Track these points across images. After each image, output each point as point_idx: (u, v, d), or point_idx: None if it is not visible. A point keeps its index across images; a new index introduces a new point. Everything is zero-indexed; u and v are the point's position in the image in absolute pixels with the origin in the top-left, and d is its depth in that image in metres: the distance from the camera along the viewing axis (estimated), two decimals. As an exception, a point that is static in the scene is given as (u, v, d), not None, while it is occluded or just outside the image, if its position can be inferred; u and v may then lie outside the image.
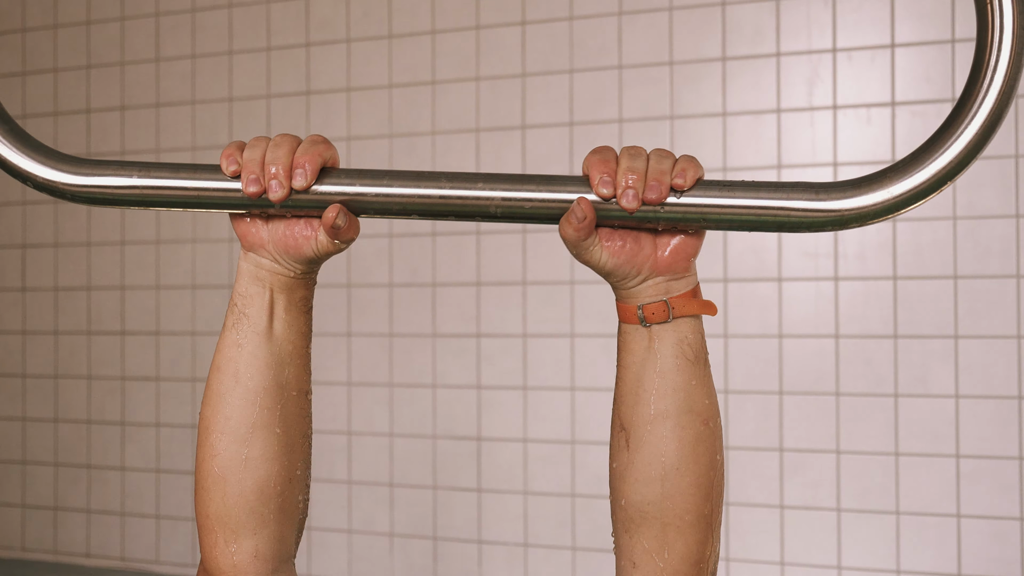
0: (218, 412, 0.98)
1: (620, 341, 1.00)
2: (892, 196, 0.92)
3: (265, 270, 0.99)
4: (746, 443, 2.68)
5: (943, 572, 2.53)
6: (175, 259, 3.27)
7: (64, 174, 0.97)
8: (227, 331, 0.99)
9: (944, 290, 2.54)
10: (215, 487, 0.98)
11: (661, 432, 0.97)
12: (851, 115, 2.62)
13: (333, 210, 0.96)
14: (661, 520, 0.98)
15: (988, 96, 0.90)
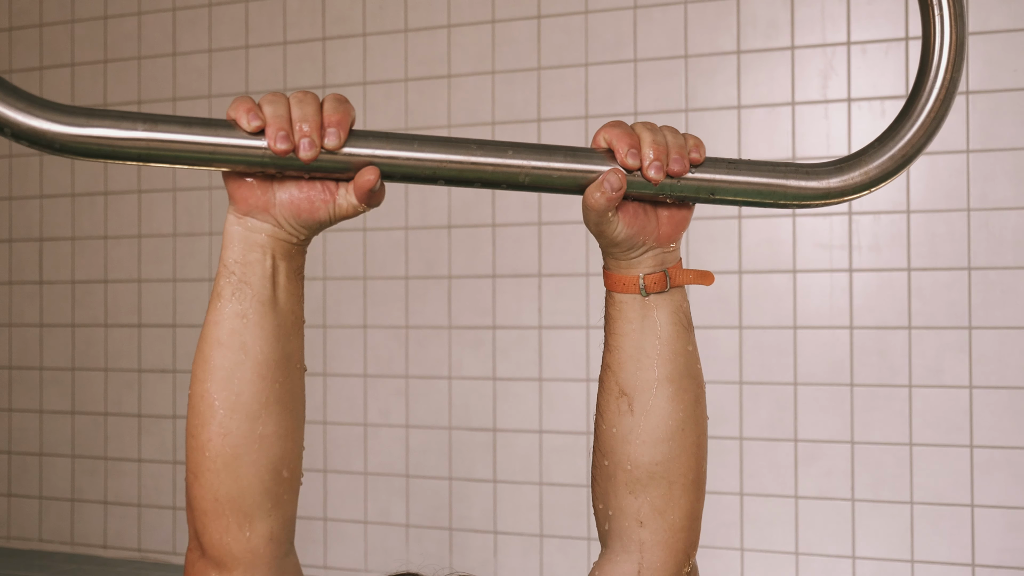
0: (226, 388, 0.91)
1: (614, 311, 1.03)
2: (866, 177, 1.03)
3: (266, 235, 0.92)
4: (761, 434, 2.70)
5: (957, 562, 2.54)
6: (192, 252, 3.29)
7: (52, 123, 0.85)
8: (226, 301, 0.91)
9: (958, 281, 2.56)
10: (226, 469, 0.91)
11: (666, 395, 1.02)
12: (865, 108, 2.64)
13: (372, 172, 0.91)
14: (668, 479, 1.03)
15: (935, 90, 1.04)
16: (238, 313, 0.91)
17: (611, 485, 1.04)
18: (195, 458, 0.91)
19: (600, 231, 1.00)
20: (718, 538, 2.73)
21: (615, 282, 1.03)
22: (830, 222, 2.65)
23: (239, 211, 0.93)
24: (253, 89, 3.22)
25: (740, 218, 2.72)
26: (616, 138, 0.97)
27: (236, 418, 0.91)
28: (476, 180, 0.95)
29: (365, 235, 3.09)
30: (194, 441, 0.91)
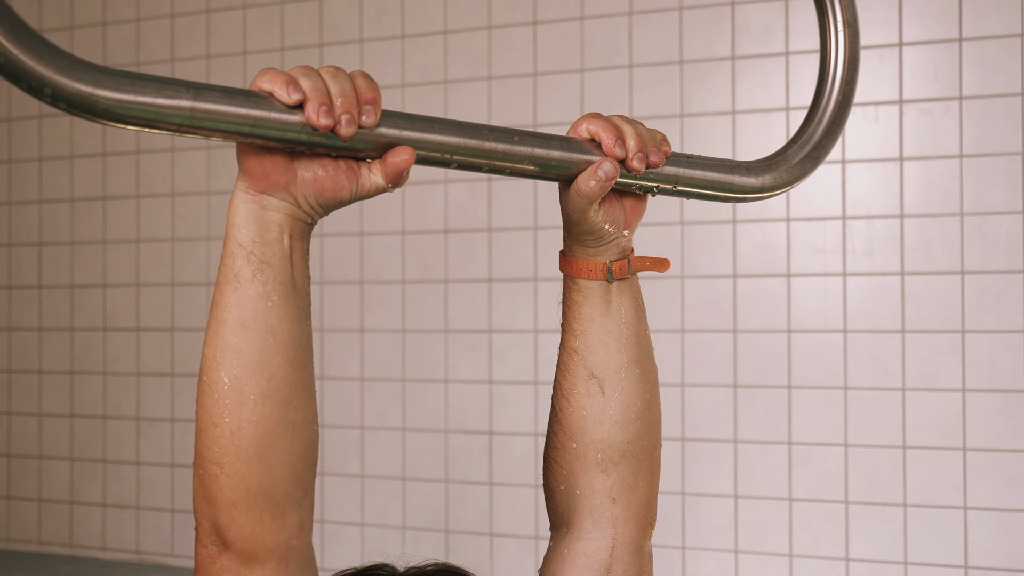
0: (256, 374, 0.86)
1: (579, 298, 1.07)
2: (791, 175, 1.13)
3: (282, 214, 0.88)
4: (755, 437, 2.71)
5: (950, 564, 2.56)
6: (190, 256, 3.31)
7: (95, 87, 0.78)
8: (247, 283, 0.86)
9: (951, 285, 2.58)
10: (259, 458, 0.86)
11: (634, 377, 1.08)
12: (859, 113, 2.66)
13: (408, 153, 0.89)
14: (637, 456, 1.09)
15: (832, 98, 1.17)
16: (261, 295, 0.87)
17: (580, 465, 1.07)
18: (220, 447, 0.86)
19: (582, 218, 1.03)
20: (713, 540, 2.75)
21: (581, 269, 1.06)
22: (824, 227, 2.67)
23: (255, 188, 0.87)
24: (251, 94, 3.23)
25: (735, 223, 2.74)
26: (602, 129, 1.00)
27: (268, 404, 0.87)
28: (485, 165, 0.96)
29: (362, 240, 3.11)
30: (218, 430, 0.86)
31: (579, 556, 1.08)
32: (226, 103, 0.82)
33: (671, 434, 2.78)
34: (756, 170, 1.11)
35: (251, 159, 0.86)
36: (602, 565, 1.07)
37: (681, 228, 2.79)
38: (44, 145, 3.51)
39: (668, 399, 2.79)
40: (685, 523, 2.77)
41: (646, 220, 2.82)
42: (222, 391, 0.85)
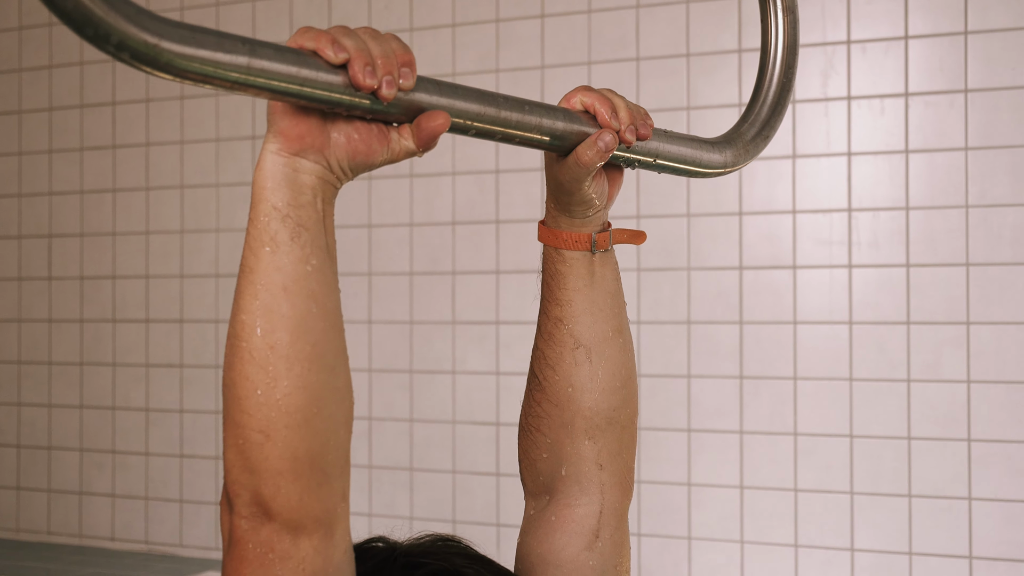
0: (301, 339, 0.84)
1: (564, 268, 1.10)
2: (746, 152, 1.19)
3: (315, 177, 0.86)
4: (761, 427, 2.73)
5: (954, 554, 2.57)
6: (199, 248, 3.33)
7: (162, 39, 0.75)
8: (285, 246, 0.84)
9: (956, 277, 2.59)
10: (306, 424, 0.84)
11: (618, 346, 1.12)
12: (865, 106, 2.67)
13: (444, 117, 0.88)
14: (621, 423, 1.12)
15: (772, 83, 1.26)
16: (301, 259, 0.84)
17: (567, 433, 1.10)
18: (265, 415, 0.83)
19: (575, 188, 1.05)
20: (718, 530, 2.76)
21: (567, 240, 1.09)
22: (830, 219, 2.69)
23: (289, 150, 0.85)
24: (260, 87, 3.25)
25: (741, 215, 2.76)
26: (597, 101, 1.03)
27: (315, 370, 0.84)
28: (499, 133, 0.96)
29: (370, 231, 3.12)
30: (262, 397, 0.83)
31: (568, 522, 1.10)
32: (278, 61, 0.80)
33: (677, 425, 2.80)
34: (719, 147, 1.16)
35: (287, 119, 0.84)
36: (591, 530, 1.10)
37: (688, 220, 2.80)
38: (54, 137, 3.53)
39: (674, 390, 2.81)
40: (691, 513, 2.79)
41: (653, 212, 2.83)
42: (266, 357, 0.83)
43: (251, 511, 0.84)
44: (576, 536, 1.10)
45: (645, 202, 2.84)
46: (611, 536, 1.11)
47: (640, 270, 2.83)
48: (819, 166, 2.70)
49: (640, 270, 2.83)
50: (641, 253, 2.83)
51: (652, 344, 2.83)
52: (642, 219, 2.83)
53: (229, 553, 0.84)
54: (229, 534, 0.85)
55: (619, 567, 1.13)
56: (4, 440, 3.59)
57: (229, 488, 0.85)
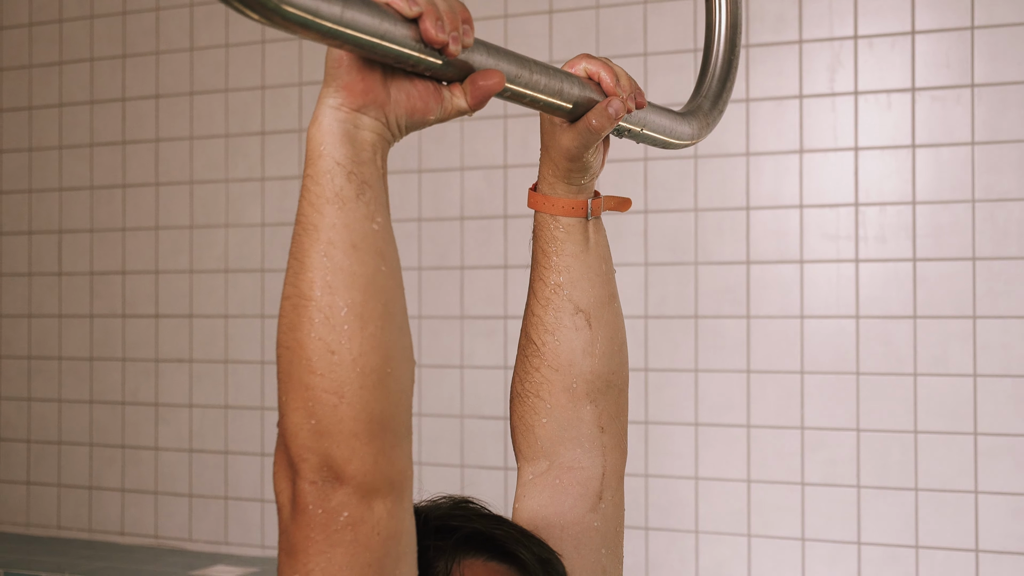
0: (373, 298, 0.83)
1: (560, 234, 1.13)
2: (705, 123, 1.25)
3: (375, 134, 0.85)
4: (768, 422, 2.74)
5: (961, 547, 2.58)
6: (208, 243, 3.35)
7: None
8: (352, 203, 0.83)
9: (963, 271, 2.60)
10: (380, 385, 0.82)
11: (614, 310, 1.15)
12: (872, 101, 2.68)
13: (500, 76, 0.88)
14: (618, 386, 1.15)
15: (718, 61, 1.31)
16: (367, 216, 0.83)
17: (569, 397, 1.12)
18: (339, 376, 0.81)
19: (581, 155, 1.08)
20: (725, 524, 2.77)
21: (564, 207, 1.12)
22: (836, 213, 2.70)
23: (351, 105, 0.84)
24: (269, 83, 3.27)
25: (748, 210, 2.77)
26: (602, 69, 1.06)
27: (388, 329, 0.83)
28: (528, 96, 0.98)
29: (379, 227, 3.13)
30: (336, 357, 0.81)
31: (573, 485, 1.12)
32: (365, 13, 0.80)
33: (685, 419, 2.81)
34: (687, 119, 1.22)
35: (353, 73, 0.83)
36: (595, 492, 1.12)
37: (695, 215, 2.81)
38: (64, 133, 3.55)
39: (682, 384, 2.82)
40: (699, 507, 2.80)
41: (660, 207, 2.85)
42: (340, 316, 0.81)
43: (321, 476, 0.82)
44: (581, 499, 1.12)
45: (652, 197, 2.85)
46: (612, 498, 1.14)
47: (647, 265, 2.85)
48: (826, 161, 2.72)
49: (647, 265, 2.85)
50: (648, 248, 2.85)
51: (659, 339, 2.84)
52: (649, 214, 2.84)
53: (295, 520, 0.82)
54: (292, 501, 0.83)
55: (618, 529, 1.15)
56: (14, 435, 3.61)
57: (294, 453, 0.82)
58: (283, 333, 0.83)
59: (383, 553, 0.83)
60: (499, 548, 1.02)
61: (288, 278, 0.83)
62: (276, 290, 3.26)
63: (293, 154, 3.25)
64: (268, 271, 3.27)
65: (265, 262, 3.27)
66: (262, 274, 3.27)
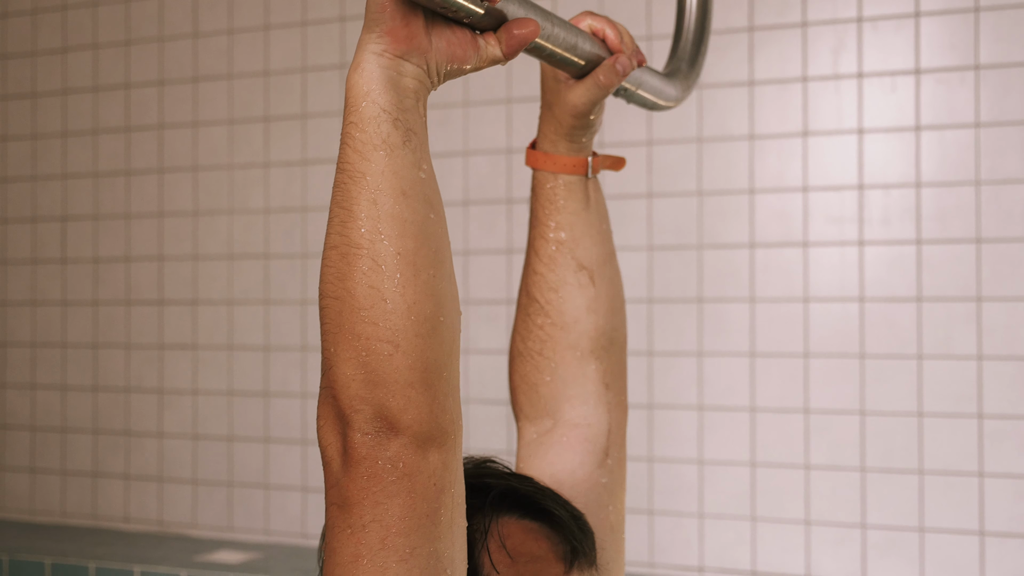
0: (425, 245, 0.82)
1: (563, 192, 1.14)
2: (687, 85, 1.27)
3: (416, 81, 0.85)
4: (772, 405, 2.74)
5: (966, 530, 2.58)
6: (212, 230, 3.35)
7: None
8: (399, 150, 0.82)
9: (967, 254, 2.59)
10: (434, 333, 0.82)
11: (615, 268, 1.17)
12: (876, 83, 2.68)
13: (535, 24, 0.89)
14: (620, 343, 1.16)
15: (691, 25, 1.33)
16: (414, 163, 0.83)
17: (574, 355, 1.13)
18: (394, 324, 0.80)
19: (588, 111, 1.10)
20: (730, 508, 2.77)
21: (566, 164, 1.13)
22: (840, 196, 2.69)
23: (394, 51, 0.83)
24: (273, 68, 3.27)
25: (752, 193, 2.76)
26: (607, 26, 1.08)
27: (439, 276, 0.83)
28: (547, 50, 0.99)
29: (382, 213, 3.13)
30: (390, 305, 0.80)
31: (581, 442, 1.12)
32: None
33: (688, 403, 2.81)
34: (671, 81, 1.24)
35: (397, 19, 0.83)
36: (602, 449, 1.12)
37: (699, 199, 2.81)
38: (68, 120, 3.55)
39: (686, 368, 2.82)
40: (703, 491, 2.79)
41: (664, 190, 2.84)
42: (393, 264, 0.80)
43: (376, 426, 0.81)
44: (589, 455, 1.12)
45: (656, 180, 2.85)
46: (618, 454, 1.15)
47: (651, 249, 2.84)
48: (830, 144, 2.71)
49: (651, 249, 2.84)
50: (652, 232, 2.84)
51: (663, 322, 2.84)
52: (653, 197, 2.84)
53: (348, 473, 0.81)
54: (342, 454, 0.82)
55: (623, 485, 1.16)
56: (18, 422, 3.61)
57: (345, 405, 0.82)
58: (330, 283, 0.82)
59: (439, 503, 0.82)
60: (532, 506, 1.01)
61: (334, 227, 0.82)
62: (280, 276, 3.26)
63: (296, 140, 3.24)
64: (272, 257, 3.27)
65: (269, 248, 3.27)
66: (266, 260, 3.27)
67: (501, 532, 0.98)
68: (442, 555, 0.82)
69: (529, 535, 0.99)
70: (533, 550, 0.98)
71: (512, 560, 0.97)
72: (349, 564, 0.79)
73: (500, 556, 0.96)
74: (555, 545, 0.99)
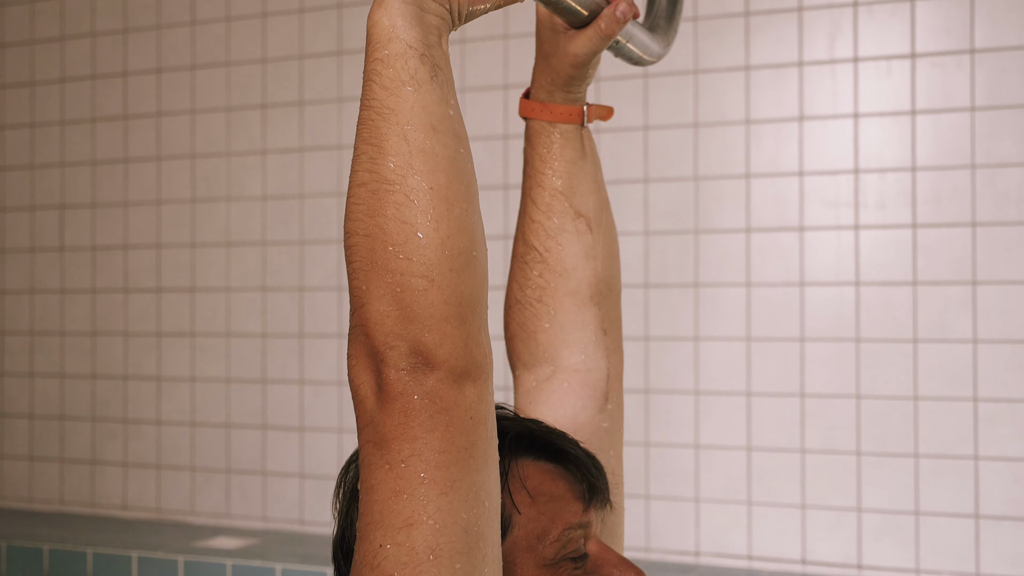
0: (456, 180, 0.83)
1: (559, 140, 1.16)
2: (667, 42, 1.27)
3: (439, 18, 0.86)
4: (768, 389, 2.74)
5: (961, 513, 2.58)
6: (210, 217, 3.35)
7: None
8: (427, 85, 0.83)
9: (963, 237, 2.60)
10: (467, 267, 0.82)
11: (610, 216, 1.19)
12: (872, 67, 2.68)
13: None
14: (616, 290, 1.18)
15: None
16: (442, 99, 0.84)
17: (573, 301, 1.15)
18: (428, 258, 0.81)
19: (588, 60, 1.12)
20: (726, 492, 2.78)
21: (562, 113, 1.15)
22: (836, 180, 2.70)
23: None
24: (270, 56, 3.28)
25: (748, 178, 2.77)
26: None
27: (471, 211, 0.84)
28: None
29: (380, 200, 3.14)
30: (425, 240, 0.81)
31: (582, 387, 1.13)
32: None
33: (685, 387, 2.81)
34: (654, 37, 1.24)
35: None
36: (602, 393, 1.14)
37: (695, 183, 2.82)
38: (66, 108, 3.56)
39: (682, 353, 2.82)
40: (699, 476, 2.80)
41: (660, 175, 2.85)
42: (425, 199, 0.81)
43: (411, 362, 0.81)
44: (590, 400, 1.13)
45: (652, 165, 2.85)
46: (616, 399, 1.16)
47: (647, 233, 2.85)
48: (826, 128, 2.72)
49: (647, 233, 2.85)
50: (648, 217, 2.85)
51: (659, 307, 2.84)
52: (650, 182, 2.84)
53: (384, 409, 0.81)
54: (377, 392, 0.82)
55: (621, 431, 1.18)
56: (16, 410, 3.62)
57: (379, 342, 0.81)
58: (359, 221, 0.82)
59: (476, 436, 0.83)
60: (549, 447, 1.02)
61: (362, 165, 0.82)
62: (278, 263, 3.26)
63: (294, 127, 3.25)
64: (270, 244, 3.27)
65: (267, 235, 3.28)
66: (263, 247, 3.28)
67: (521, 474, 0.99)
68: (480, 487, 0.83)
69: (547, 476, 1.00)
70: (552, 490, 0.99)
71: (533, 500, 0.98)
72: (389, 499, 0.80)
73: (521, 496, 0.98)
74: (572, 485, 1.00)
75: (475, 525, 0.82)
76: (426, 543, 0.79)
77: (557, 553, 0.97)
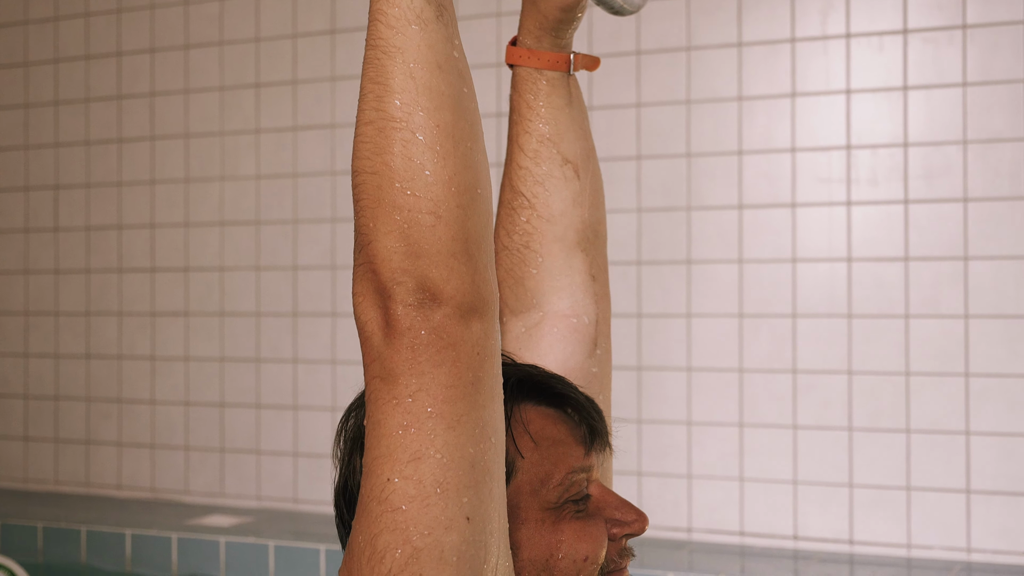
0: (462, 118, 0.84)
1: (546, 87, 1.16)
2: None
3: None
4: (760, 365, 2.75)
5: (952, 488, 2.59)
6: (203, 197, 3.35)
7: None
8: (433, 24, 0.84)
9: (954, 213, 2.60)
10: (473, 204, 0.83)
11: (596, 163, 1.19)
12: (864, 43, 2.68)
13: None
14: (602, 236, 1.19)
15: None
16: (447, 38, 0.85)
17: (561, 247, 1.15)
18: (435, 194, 0.82)
19: (576, 4, 1.12)
20: (718, 468, 2.78)
21: (550, 60, 1.15)
22: (828, 156, 2.70)
23: None
24: (264, 35, 3.27)
25: (740, 154, 2.77)
26: None
27: (477, 149, 0.84)
28: None
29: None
30: (431, 176, 0.82)
31: (572, 332, 1.14)
32: None
33: (677, 364, 2.82)
34: None
35: None
36: (591, 339, 1.14)
37: (688, 160, 2.82)
38: (60, 89, 3.56)
39: (674, 329, 2.83)
40: (691, 452, 2.80)
41: (653, 152, 2.85)
42: (432, 136, 0.82)
43: (419, 298, 0.82)
44: (580, 345, 1.14)
45: (645, 142, 2.85)
46: (605, 345, 1.17)
47: (640, 211, 2.85)
48: (818, 104, 2.72)
49: (640, 211, 2.85)
50: (641, 194, 2.85)
51: (652, 284, 2.85)
52: (642, 160, 2.84)
53: (392, 344, 0.82)
54: (384, 328, 0.82)
55: (610, 376, 1.18)
56: (11, 391, 3.62)
57: (386, 278, 0.82)
58: (366, 159, 0.83)
59: (483, 372, 0.84)
60: (549, 391, 1.02)
61: (368, 103, 0.83)
62: (271, 242, 3.26)
63: (287, 106, 3.25)
64: (263, 223, 3.27)
65: (260, 214, 3.28)
66: (257, 226, 3.28)
67: (524, 418, 0.99)
68: (487, 422, 0.84)
69: (549, 420, 1.00)
70: (554, 434, 1.00)
71: (536, 445, 0.99)
72: (396, 434, 0.81)
73: (524, 441, 0.98)
74: (573, 428, 1.01)
75: (482, 460, 0.83)
76: (433, 477, 0.81)
77: (560, 496, 0.98)
